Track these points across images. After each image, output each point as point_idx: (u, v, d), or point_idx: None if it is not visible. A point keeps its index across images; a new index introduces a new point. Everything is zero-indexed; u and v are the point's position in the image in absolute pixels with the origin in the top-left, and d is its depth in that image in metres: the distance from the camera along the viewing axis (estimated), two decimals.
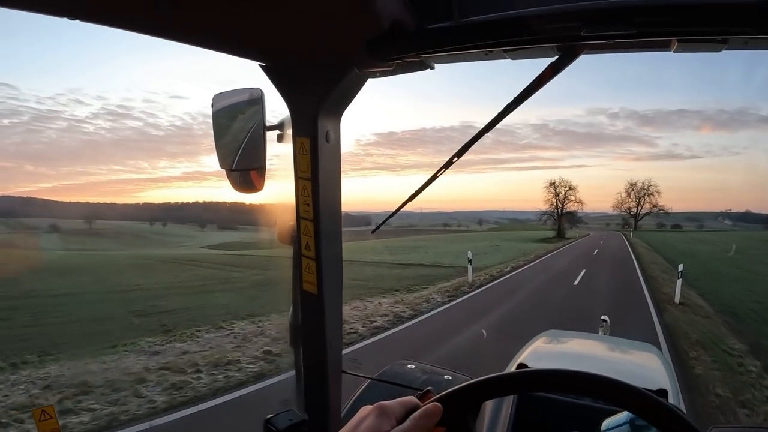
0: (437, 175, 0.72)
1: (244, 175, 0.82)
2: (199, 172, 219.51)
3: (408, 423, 0.44)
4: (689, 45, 0.53)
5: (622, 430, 0.67)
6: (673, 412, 0.44)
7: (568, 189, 67.96)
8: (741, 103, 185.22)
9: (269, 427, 0.74)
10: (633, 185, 76.68)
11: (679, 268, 9.58)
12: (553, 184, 68.62)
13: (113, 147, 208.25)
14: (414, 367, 1.60)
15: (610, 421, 0.70)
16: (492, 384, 0.50)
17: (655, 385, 1.46)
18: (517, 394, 1.20)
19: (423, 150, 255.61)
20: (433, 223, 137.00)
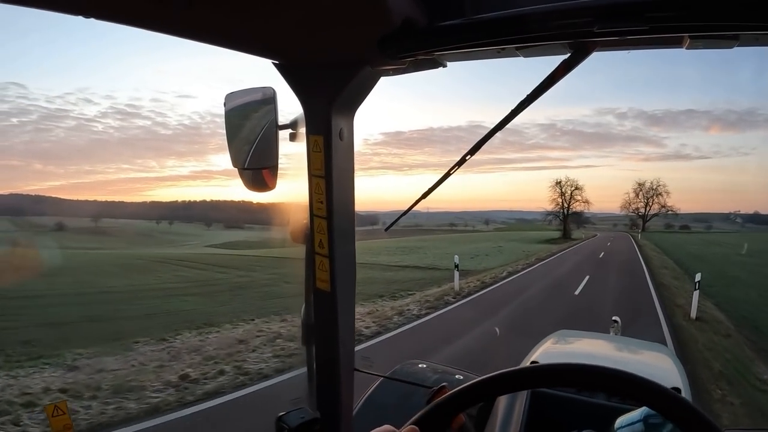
0: (450, 173, 0.72)
1: (256, 174, 0.83)
2: (207, 171, 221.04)
3: None
4: (702, 41, 0.53)
5: (636, 428, 0.66)
6: (692, 408, 0.46)
7: (575, 188, 66.64)
8: (750, 103, 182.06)
9: (281, 424, 0.74)
10: (641, 185, 75.01)
11: (696, 277, 8.34)
12: (558, 183, 67.38)
13: (121, 146, 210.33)
14: (425, 366, 1.63)
15: (623, 419, 0.70)
16: (513, 378, 0.51)
17: (668, 384, 1.45)
18: (539, 388, 1.18)
19: (430, 149, 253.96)
20: (440, 223, 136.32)
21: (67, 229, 74.21)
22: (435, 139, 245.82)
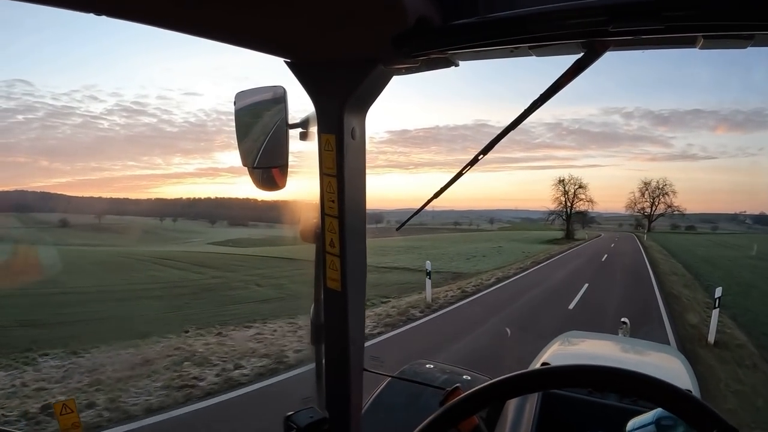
0: (462, 173, 0.72)
1: (266, 173, 0.84)
2: (212, 168, 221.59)
3: None
4: (716, 41, 0.53)
5: (648, 430, 0.66)
6: (709, 409, 0.46)
7: (578, 187, 64.15)
8: (758, 103, 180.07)
9: (290, 424, 0.74)
10: (647, 184, 71.66)
11: (715, 293, 6.93)
12: (562, 181, 64.79)
13: (127, 143, 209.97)
14: (433, 366, 1.65)
15: (635, 421, 0.69)
16: (529, 379, 0.51)
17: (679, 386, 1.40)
18: (554, 389, 1.18)
19: (437, 148, 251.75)
20: (444, 222, 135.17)
21: (70, 226, 74.43)
22: (441, 138, 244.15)
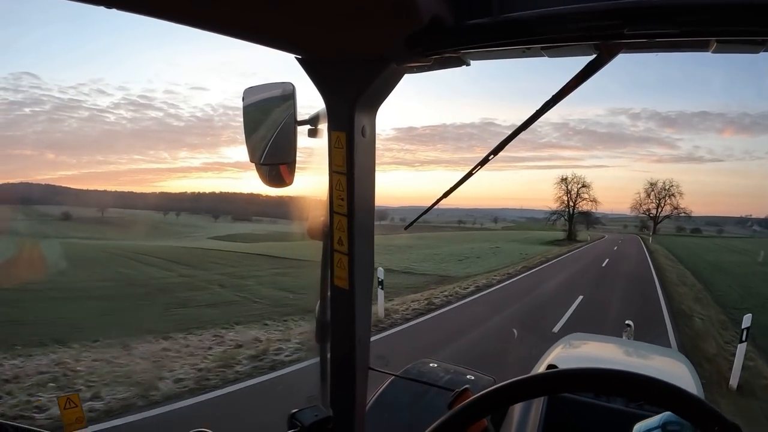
0: (473, 172, 0.72)
1: (273, 170, 0.84)
2: (218, 163, 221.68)
3: None
4: (728, 46, 0.53)
5: None
6: (716, 412, 0.46)
7: (581, 186, 62.28)
8: (765, 107, 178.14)
9: (294, 422, 0.74)
10: (653, 185, 68.86)
11: (744, 321, 5.21)
12: (564, 180, 62.98)
13: (134, 137, 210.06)
14: (437, 366, 1.65)
15: (641, 425, 0.68)
16: (541, 382, 0.51)
17: None
18: (564, 393, 1.18)
19: (443, 147, 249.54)
20: (449, 220, 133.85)
21: (72, 219, 74.59)
22: (448, 136, 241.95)
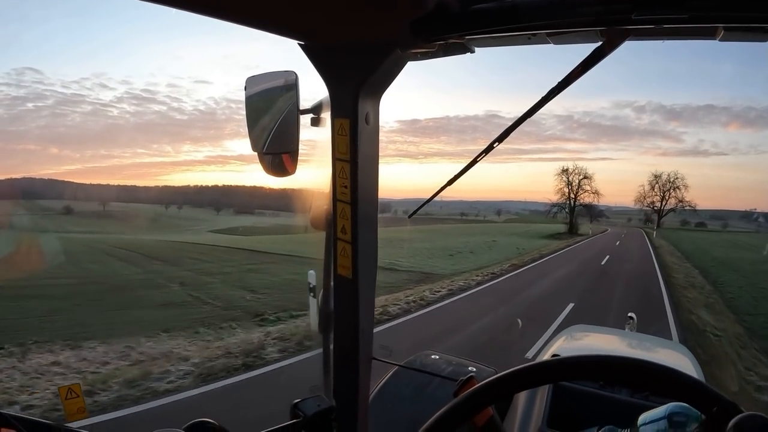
0: (477, 161, 0.71)
1: (276, 159, 0.83)
2: (222, 156, 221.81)
3: None
4: (736, 33, 0.53)
5: (660, 425, 0.64)
6: (723, 398, 0.45)
7: (583, 177, 58.78)
8: None
9: (297, 412, 0.74)
10: (657, 177, 65.40)
11: None
12: (565, 171, 59.39)
13: (137, 131, 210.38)
14: (439, 357, 1.67)
15: (647, 415, 0.67)
16: (549, 369, 0.51)
17: None
18: (570, 381, 1.18)
19: (446, 138, 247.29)
20: (452, 212, 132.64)
21: (73, 213, 74.68)
22: (451, 128, 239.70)
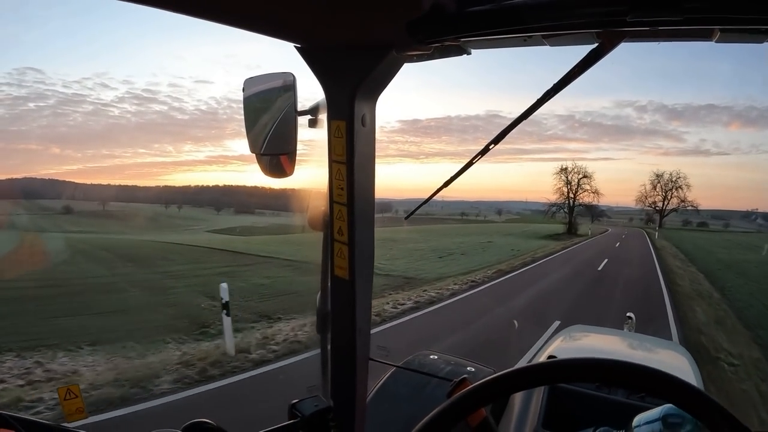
0: (473, 162, 0.71)
1: (274, 160, 0.83)
2: (223, 156, 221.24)
3: None
4: (732, 35, 0.53)
5: (655, 426, 0.65)
6: (717, 405, 0.45)
7: (582, 176, 56.74)
8: None
9: (294, 412, 0.74)
10: (659, 176, 63.79)
11: None
12: (564, 170, 57.28)
13: (138, 131, 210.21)
14: (437, 357, 1.67)
15: (642, 417, 0.68)
16: (541, 371, 0.51)
17: None
18: (565, 383, 1.19)
19: (448, 138, 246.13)
20: (452, 212, 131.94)
21: (72, 213, 74.47)
22: (453, 128, 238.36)
